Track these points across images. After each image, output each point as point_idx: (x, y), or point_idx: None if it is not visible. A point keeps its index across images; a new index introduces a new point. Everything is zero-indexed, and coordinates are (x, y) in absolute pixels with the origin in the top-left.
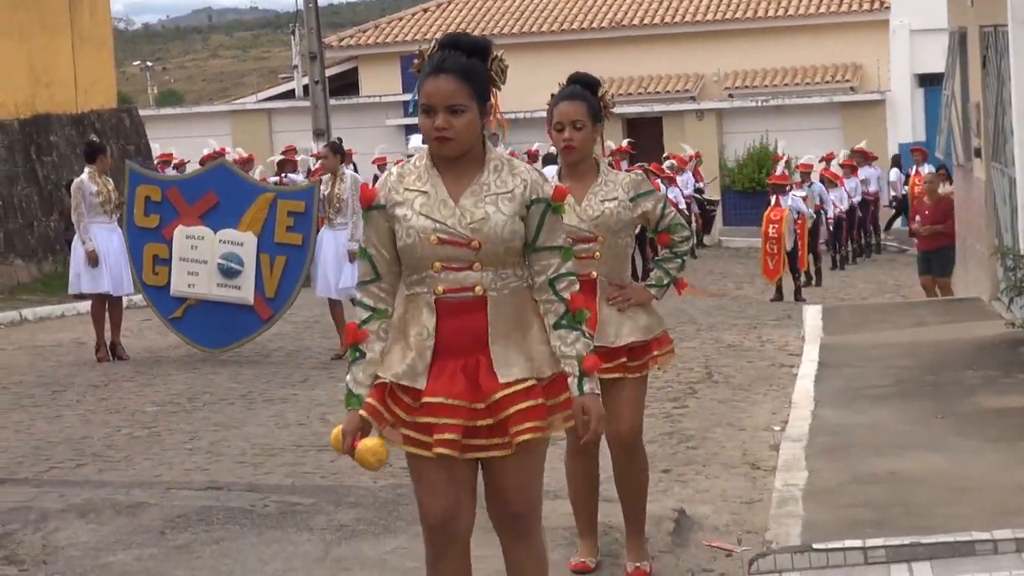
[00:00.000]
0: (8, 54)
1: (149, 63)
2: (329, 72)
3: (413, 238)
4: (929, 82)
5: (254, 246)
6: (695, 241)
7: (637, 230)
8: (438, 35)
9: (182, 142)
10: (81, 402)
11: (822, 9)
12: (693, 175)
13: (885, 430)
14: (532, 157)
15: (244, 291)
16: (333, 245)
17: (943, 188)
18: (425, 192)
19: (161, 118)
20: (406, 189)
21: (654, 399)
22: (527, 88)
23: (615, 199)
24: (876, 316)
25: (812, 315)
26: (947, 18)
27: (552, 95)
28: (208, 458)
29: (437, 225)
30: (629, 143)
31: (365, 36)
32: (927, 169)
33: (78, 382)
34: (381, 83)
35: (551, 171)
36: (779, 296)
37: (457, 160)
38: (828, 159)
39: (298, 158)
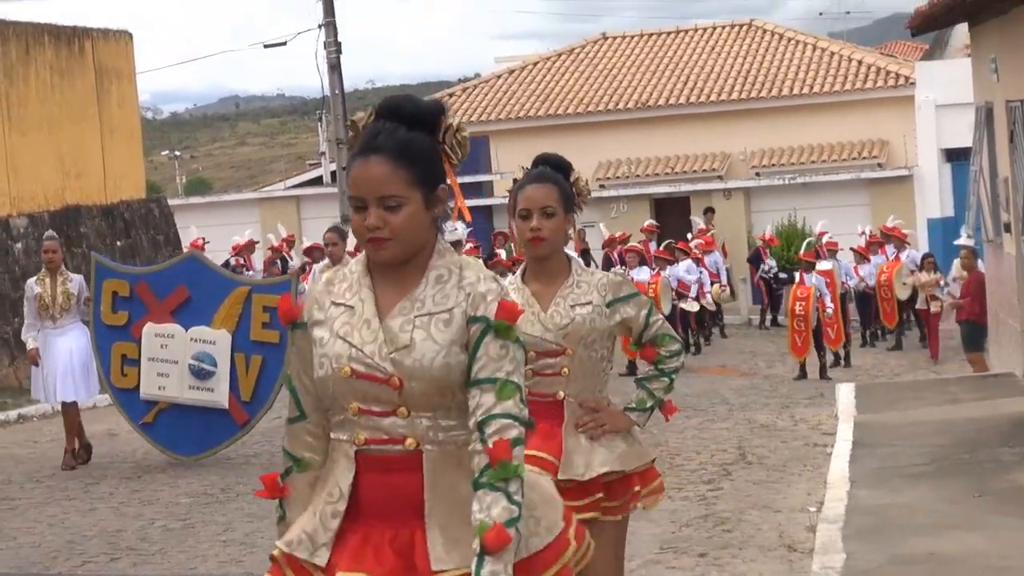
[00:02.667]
0: (38, 146)
1: (177, 152)
2: None
3: (326, 369)
4: (956, 157)
5: (228, 345)
6: (761, 320)
7: (614, 342)
8: (464, 119)
9: (211, 230)
10: (114, 495)
11: (847, 86)
12: (722, 252)
13: (922, 510)
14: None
15: (218, 394)
16: None
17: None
18: (351, 307)
19: (190, 207)
20: (333, 303)
21: (688, 481)
22: None
23: (588, 304)
24: (909, 394)
25: (845, 393)
26: (973, 93)
27: (515, 180)
28: (242, 549)
29: (353, 352)
30: (652, 224)
31: None
32: (901, 257)
33: (111, 474)
34: None
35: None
36: (803, 374)
37: (400, 266)
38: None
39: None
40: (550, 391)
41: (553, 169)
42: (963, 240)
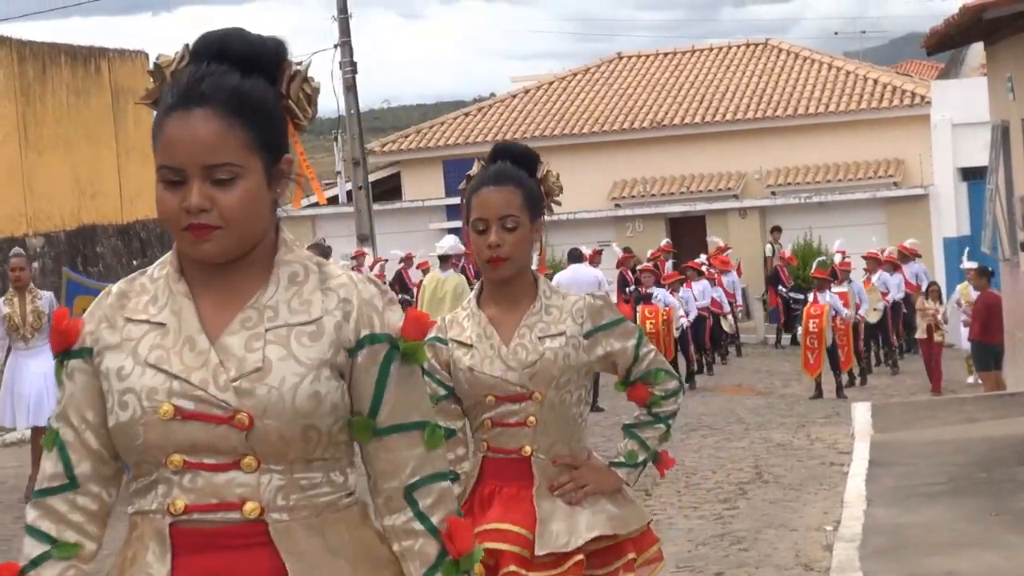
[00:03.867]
0: (54, 166)
1: None
2: (372, 177)
3: (132, 410)
4: (972, 176)
5: None
6: (777, 339)
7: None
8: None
9: None
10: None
11: (863, 105)
12: (737, 272)
13: (939, 529)
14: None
15: None
16: None
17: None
18: (160, 324)
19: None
20: (128, 320)
21: (704, 500)
22: (570, 189)
23: (561, 334)
24: (925, 413)
25: (861, 413)
26: (989, 112)
27: (467, 177)
28: None
29: (174, 384)
30: (668, 243)
31: (407, 141)
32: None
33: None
34: (424, 187)
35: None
36: (819, 394)
37: (231, 265)
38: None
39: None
40: (514, 446)
41: (515, 164)
42: (967, 264)
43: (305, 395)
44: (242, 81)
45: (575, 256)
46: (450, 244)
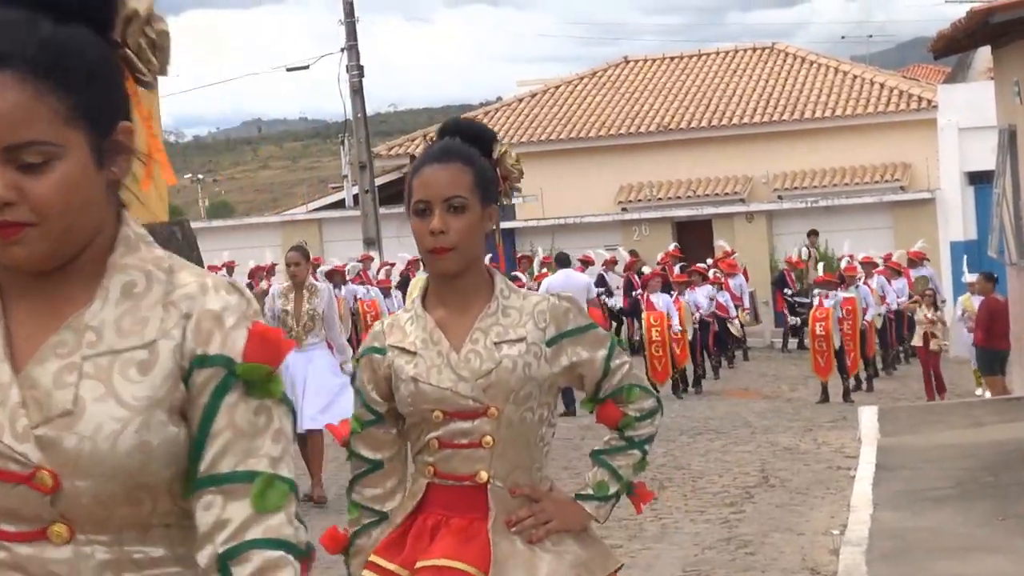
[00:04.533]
0: None
1: (200, 175)
2: (379, 181)
3: None
4: (979, 180)
5: None
6: (784, 343)
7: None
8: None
9: (234, 254)
10: None
11: (870, 109)
12: (744, 276)
13: (946, 533)
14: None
15: None
16: (304, 369)
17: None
18: None
19: (213, 230)
20: None
21: (711, 504)
22: (577, 193)
23: (521, 340)
24: (932, 417)
25: (868, 416)
26: (996, 116)
27: (412, 157)
28: None
29: None
30: (676, 248)
31: (414, 145)
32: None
33: None
34: None
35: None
36: (825, 398)
37: (53, 273)
38: (886, 259)
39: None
40: (467, 471)
41: (467, 141)
42: (968, 276)
43: (128, 446)
44: (57, 30)
45: (563, 260)
46: None
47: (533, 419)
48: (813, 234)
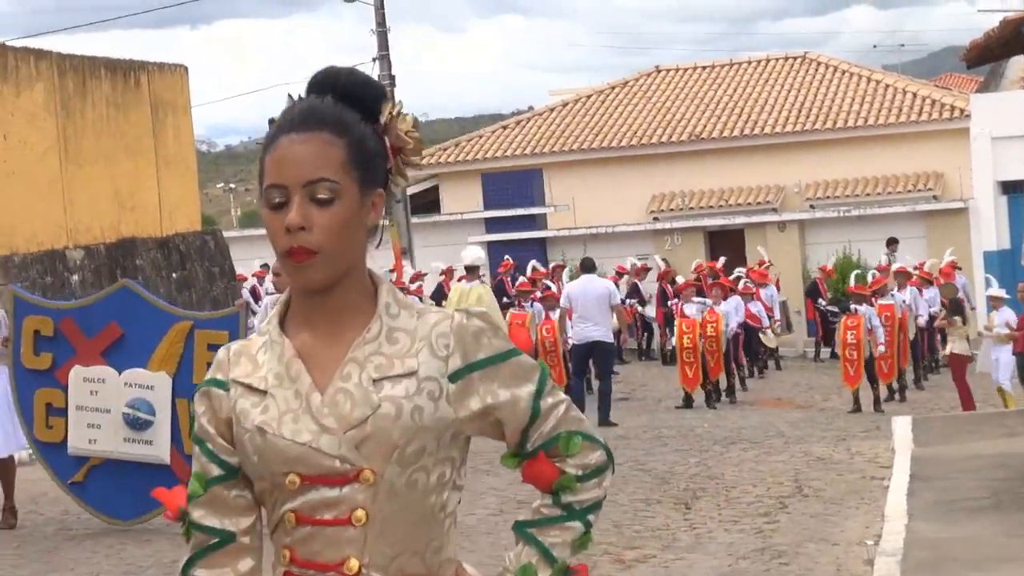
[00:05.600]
0: (94, 179)
1: (232, 185)
2: (410, 190)
3: None
4: (1012, 189)
5: (168, 389)
6: (816, 353)
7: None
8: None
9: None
10: (171, 525)
11: (902, 119)
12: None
13: (982, 543)
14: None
15: (157, 447)
16: None
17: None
18: None
19: (245, 239)
20: None
21: (745, 514)
22: (608, 202)
23: (410, 375)
24: (966, 427)
25: (901, 426)
26: None
27: (271, 121)
28: None
29: None
30: (719, 264)
31: (445, 154)
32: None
33: (30, 541)
34: (462, 200)
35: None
36: (857, 407)
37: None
38: (919, 269)
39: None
40: (333, 556)
41: (343, 100)
42: (994, 291)
43: None
44: (343, 110)
45: (588, 266)
46: (475, 255)
47: (428, 483)
48: (893, 242)
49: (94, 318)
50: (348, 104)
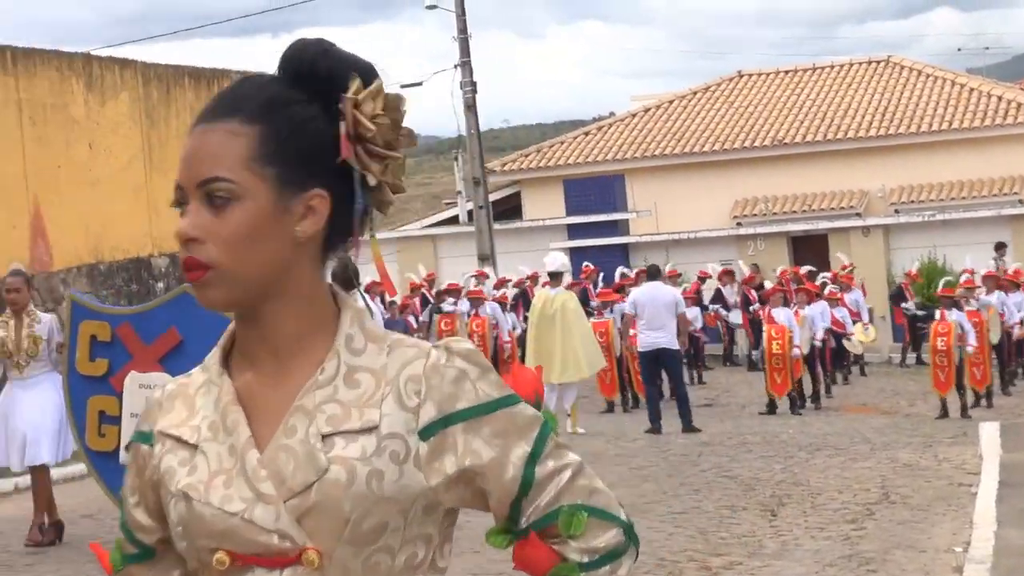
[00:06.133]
0: (166, 190)
1: None
2: (492, 197)
3: None
4: None
5: None
6: (902, 358)
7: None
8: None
9: None
10: None
11: (986, 122)
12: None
13: None
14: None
15: None
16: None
17: None
18: None
19: None
20: None
21: (831, 521)
22: (691, 208)
23: (370, 430)
24: None
25: (989, 432)
26: None
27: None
28: None
29: None
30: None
31: (527, 160)
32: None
33: (82, 560)
34: (544, 207)
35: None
36: (944, 413)
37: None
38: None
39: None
40: None
41: (308, 81)
42: None
43: None
44: (279, 92)
45: (653, 273)
46: (559, 261)
47: (393, 567)
48: (1001, 247)
49: (153, 323)
50: (313, 85)
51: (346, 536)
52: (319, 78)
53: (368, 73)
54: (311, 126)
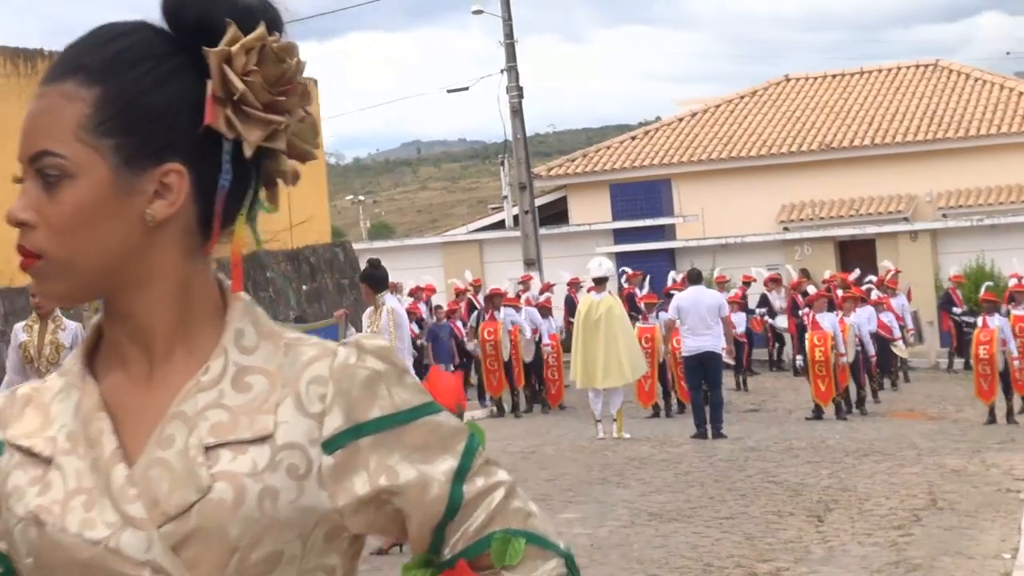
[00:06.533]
0: None
1: (360, 197)
2: (538, 202)
3: None
4: None
5: None
6: (949, 364)
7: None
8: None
9: (395, 275)
10: None
11: None
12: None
13: None
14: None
15: None
16: None
17: None
18: None
19: (374, 251)
20: None
21: (878, 527)
22: (738, 212)
23: (263, 440)
24: None
25: None
26: None
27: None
28: None
29: None
30: (847, 275)
31: (573, 165)
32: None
33: None
34: (590, 211)
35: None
36: (992, 419)
37: None
38: None
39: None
40: None
41: (196, 34)
42: None
43: None
44: (124, 43)
45: (695, 277)
46: (605, 267)
47: None
48: None
49: None
50: (182, 34)
51: (233, 568)
52: (188, 25)
53: (249, 18)
54: (168, 87)
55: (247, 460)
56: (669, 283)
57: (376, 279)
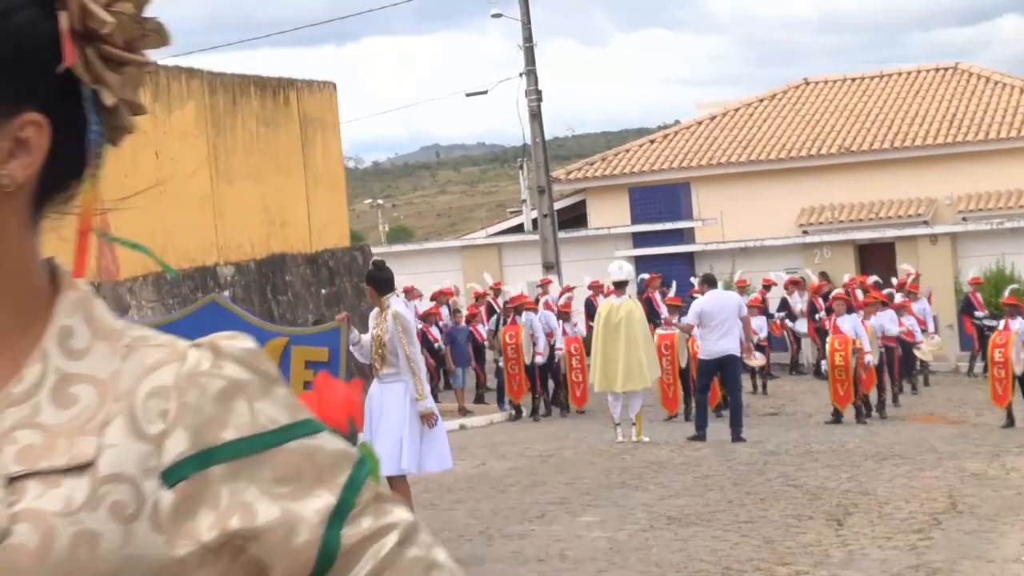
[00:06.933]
0: (244, 196)
1: (379, 200)
2: (557, 205)
3: None
4: None
5: None
6: (970, 367)
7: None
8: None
9: (414, 278)
10: None
11: None
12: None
13: None
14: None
15: None
16: (380, 404)
17: None
18: None
19: (393, 255)
20: None
21: (898, 531)
22: (757, 216)
23: (83, 468)
24: None
25: None
26: None
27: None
28: None
29: None
30: (870, 280)
31: (592, 169)
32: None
33: None
34: (609, 215)
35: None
36: (1010, 422)
37: None
38: None
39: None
40: None
41: None
42: None
43: None
44: None
45: (712, 280)
46: (625, 270)
47: None
48: None
49: (180, 333)
50: None
51: None
52: None
53: None
54: (13, 21)
55: (59, 495)
56: (696, 286)
57: (380, 281)
